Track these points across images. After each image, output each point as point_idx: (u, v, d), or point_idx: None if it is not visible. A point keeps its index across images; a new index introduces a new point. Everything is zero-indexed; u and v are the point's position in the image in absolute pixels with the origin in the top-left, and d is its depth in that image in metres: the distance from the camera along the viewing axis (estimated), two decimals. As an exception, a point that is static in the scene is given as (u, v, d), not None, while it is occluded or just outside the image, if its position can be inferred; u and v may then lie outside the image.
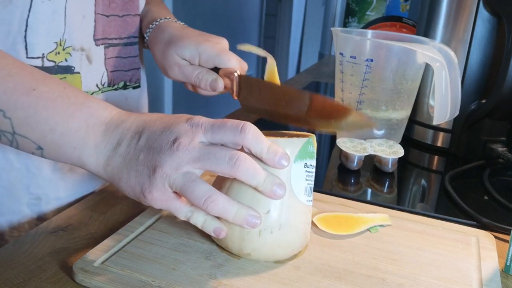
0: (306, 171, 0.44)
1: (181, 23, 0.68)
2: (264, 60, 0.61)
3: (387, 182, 0.71)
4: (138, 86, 0.72)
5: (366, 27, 1.41)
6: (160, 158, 0.41)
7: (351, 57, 0.75)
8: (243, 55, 0.62)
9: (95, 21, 0.61)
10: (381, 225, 0.54)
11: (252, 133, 0.40)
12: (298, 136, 0.46)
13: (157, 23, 0.67)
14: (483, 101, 0.78)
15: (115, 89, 0.67)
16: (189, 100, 2.60)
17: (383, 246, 0.50)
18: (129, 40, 0.67)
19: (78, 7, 0.58)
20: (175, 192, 0.42)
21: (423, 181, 0.75)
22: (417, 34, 0.85)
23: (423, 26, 0.85)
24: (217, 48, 0.60)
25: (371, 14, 2.10)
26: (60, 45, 0.57)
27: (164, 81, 2.42)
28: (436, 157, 0.84)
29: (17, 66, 0.45)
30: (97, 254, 0.44)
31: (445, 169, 0.80)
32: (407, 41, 0.75)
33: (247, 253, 0.44)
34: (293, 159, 0.43)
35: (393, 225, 0.54)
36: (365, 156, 0.71)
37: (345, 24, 2.20)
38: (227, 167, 0.40)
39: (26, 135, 0.44)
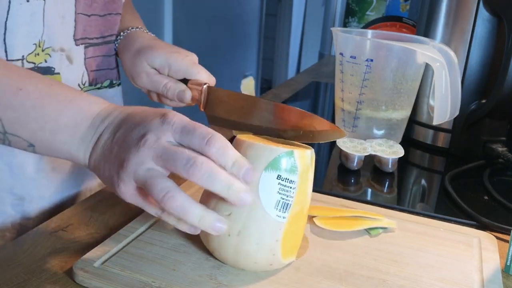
0: (279, 183, 0.41)
1: (152, 35, 0.69)
2: (264, 61, 0.61)
3: (387, 182, 0.71)
4: (119, 84, 0.73)
5: (366, 27, 1.41)
6: (128, 153, 0.41)
7: (351, 57, 0.75)
8: (244, 55, 0.63)
9: (75, 21, 0.61)
10: (384, 228, 0.53)
11: (218, 146, 0.39)
12: (292, 145, 0.44)
13: (128, 31, 0.68)
14: (483, 101, 0.78)
15: (98, 88, 0.67)
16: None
17: (384, 247, 0.50)
18: (111, 38, 0.67)
19: (57, 8, 0.57)
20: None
21: (423, 181, 0.75)
22: (417, 34, 0.85)
23: (423, 26, 0.85)
24: (187, 60, 0.62)
25: (371, 14, 2.10)
26: (39, 46, 0.57)
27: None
28: (436, 157, 0.84)
29: (3, 66, 0.46)
30: (97, 255, 0.44)
31: (445, 169, 0.80)
32: (407, 41, 0.75)
33: (212, 251, 0.44)
34: (263, 167, 0.41)
35: (394, 232, 0.54)
36: (365, 156, 0.71)
37: (345, 24, 2.20)
38: (183, 169, 0.39)
39: (17, 134, 0.45)
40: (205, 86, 0.59)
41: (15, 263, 0.45)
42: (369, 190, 0.68)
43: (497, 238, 0.56)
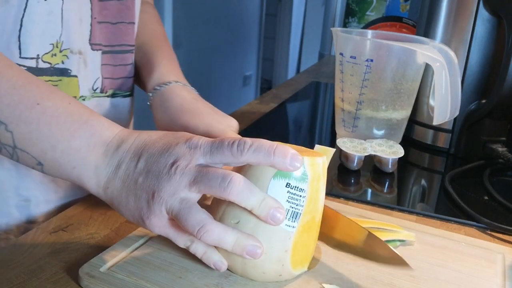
0: (288, 192, 0.40)
1: (190, 89, 0.63)
2: (264, 61, 0.61)
3: (387, 182, 0.71)
4: (130, 95, 0.69)
5: (366, 27, 1.41)
6: (158, 183, 0.40)
7: (351, 57, 0.75)
8: (244, 55, 0.62)
9: (91, 25, 0.60)
10: (402, 240, 0.51)
11: (250, 145, 0.39)
12: (305, 152, 0.43)
13: (166, 86, 0.61)
14: (483, 101, 0.78)
15: (107, 96, 0.66)
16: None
17: None
18: (121, 48, 0.65)
19: (75, 10, 0.57)
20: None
21: (423, 181, 0.75)
22: (417, 34, 0.85)
23: (423, 26, 0.85)
24: (230, 133, 0.56)
25: (371, 14, 2.10)
26: (57, 47, 0.56)
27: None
28: (436, 157, 0.84)
29: (24, 78, 0.44)
30: (104, 259, 0.43)
31: (445, 169, 0.80)
32: (407, 41, 0.75)
33: (226, 261, 0.43)
34: (272, 174, 0.40)
35: (413, 245, 0.51)
36: (365, 156, 0.71)
37: (345, 24, 2.20)
38: (220, 189, 0.38)
39: (27, 150, 0.44)
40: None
41: (15, 263, 0.45)
42: (369, 190, 0.68)
43: (497, 238, 0.56)
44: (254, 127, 0.93)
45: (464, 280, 0.45)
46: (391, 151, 0.72)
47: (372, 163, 0.75)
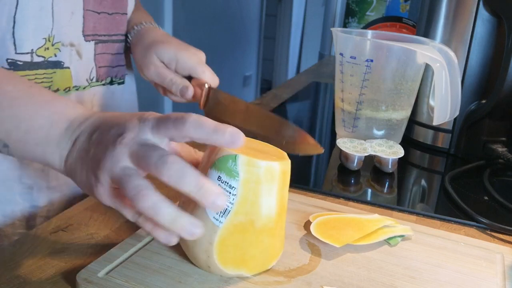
0: (219, 185, 0.40)
1: (164, 31, 0.72)
2: (264, 61, 0.64)
3: (387, 183, 0.71)
4: (123, 83, 0.75)
5: (366, 27, 1.41)
6: (105, 153, 0.40)
7: (351, 57, 0.75)
8: (244, 55, 0.65)
9: (83, 17, 0.63)
10: (401, 236, 0.51)
11: (192, 119, 0.38)
12: (277, 157, 0.42)
13: (142, 26, 0.71)
14: (483, 101, 0.78)
15: (103, 84, 0.70)
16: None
17: (400, 262, 0.47)
18: (117, 37, 0.70)
19: (66, 4, 0.60)
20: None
21: (423, 182, 0.75)
22: (417, 34, 0.85)
23: (423, 26, 0.85)
24: (194, 59, 0.64)
25: (371, 15, 2.10)
26: (49, 41, 0.58)
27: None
28: (436, 157, 0.84)
29: None
30: (102, 264, 0.43)
31: (445, 170, 0.80)
32: (407, 41, 0.75)
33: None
34: (211, 164, 0.40)
35: (411, 239, 0.52)
36: (365, 157, 0.71)
37: (345, 25, 2.20)
38: (153, 166, 0.37)
39: None
40: (206, 86, 0.61)
41: (15, 263, 0.45)
42: (369, 191, 0.68)
43: (497, 238, 0.56)
44: (254, 127, 0.93)
45: (464, 280, 0.45)
46: (391, 151, 0.72)
47: (372, 163, 0.75)
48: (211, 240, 0.41)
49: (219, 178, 0.40)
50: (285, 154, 0.44)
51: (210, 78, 0.64)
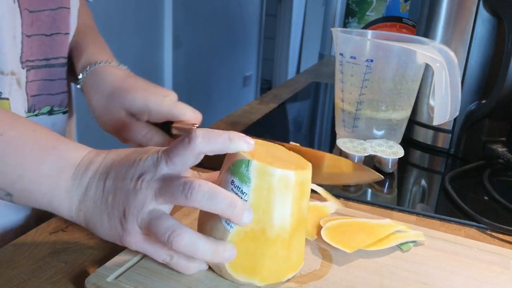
0: (232, 189, 0.40)
1: (123, 67, 0.63)
2: (264, 61, 0.61)
3: (387, 183, 0.71)
4: (67, 111, 0.65)
5: (366, 27, 1.41)
6: (127, 200, 0.39)
7: (351, 57, 0.75)
8: (244, 55, 0.62)
9: (22, 42, 0.55)
10: (414, 241, 0.50)
11: (200, 141, 0.38)
12: (296, 164, 0.42)
13: (94, 66, 0.61)
14: (483, 101, 0.78)
15: (36, 115, 0.60)
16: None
17: (413, 268, 0.46)
18: (57, 61, 0.60)
19: (8, 27, 0.52)
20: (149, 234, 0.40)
21: (423, 182, 0.75)
22: (417, 34, 0.85)
23: (423, 27, 0.85)
24: (168, 102, 0.57)
25: (371, 15, 2.10)
26: None
27: (164, 82, 2.42)
28: (436, 157, 0.84)
29: None
30: (111, 269, 0.42)
31: (445, 170, 0.80)
32: (407, 41, 0.75)
33: None
34: (227, 168, 0.40)
35: (424, 244, 0.51)
36: (365, 157, 0.71)
37: (345, 25, 2.20)
38: (182, 197, 0.37)
39: None
40: (195, 127, 0.56)
41: (15, 263, 0.45)
42: (369, 191, 0.68)
43: (497, 238, 0.56)
44: (254, 128, 0.93)
45: (478, 287, 0.44)
46: (391, 151, 0.72)
47: (372, 163, 0.75)
48: None
49: (232, 182, 0.40)
50: (309, 164, 0.43)
51: (193, 117, 0.58)
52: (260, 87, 3.99)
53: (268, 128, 0.97)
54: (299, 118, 1.10)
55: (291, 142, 0.43)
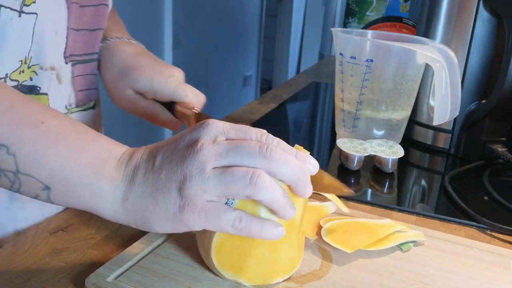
0: None
1: (134, 43, 0.64)
2: (264, 61, 0.61)
3: (387, 183, 0.71)
4: (93, 107, 0.65)
5: (366, 27, 1.41)
6: (186, 166, 0.37)
7: (351, 57, 0.75)
8: (244, 55, 0.62)
9: (66, 37, 0.55)
10: (413, 241, 0.50)
11: (275, 143, 0.39)
12: None
13: (108, 42, 0.62)
14: (483, 101, 0.78)
15: (84, 110, 0.61)
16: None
17: (413, 268, 0.46)
18: (95, 56, 0.62)
19: (51, 23, 0.52)
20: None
21: (423, 182, 0.75)
22: (417, 34, 0.85)
23: (423, 27, 0.85)
24: (172, 82, 0.58)
25: (371, 15, 2.10)
26: (25, 63, 0.51)
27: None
28: (436, 157, 0.84)
29: (21, 98, 0.41)
30: (111, 269, 0.42)
31: (445, 170, 0.80)
32: (407, 41, 0.75)
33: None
34: None
35: (424, 244, 0.51)
36: (365, 157, 0.71)
37: (345, 25, 2.20)
38: (259, 158, 0.36)
39: (32, 174, 0.39)
40: (194, 111, 0.56)
41: (15, 263, 0.45)
42: (369, 191, 0.68)
43: (497, 238, 0.56)
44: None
45: (478, 287, 0.44)
46: (391, 151, 0.72)
47: (372, 163, 0.75)
48: (211, 238, 0.41)
49: None
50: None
51: (195, 99, 0.57)
52: (260, 87, 3.99)
53: (268, 128, 0.96)
54: (299, 118, 1.10)
55: (296, 146, 0.42)
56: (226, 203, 0.38)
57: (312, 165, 0.39)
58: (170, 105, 0.59)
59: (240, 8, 3.35)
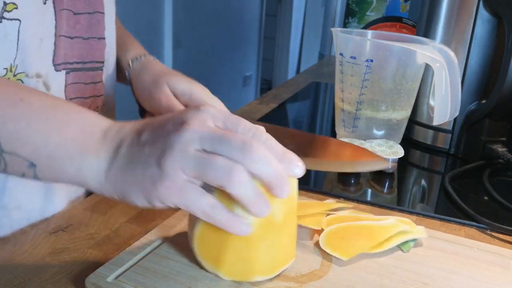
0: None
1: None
2: (264, 61, 0.62)
3: (387, 183, 0.71)
4: None
5: (366, 27, 1.41)
6: (169, 142, 0.37)
7: (351, 57, 0.75)
8: (244, 55, 0.63)
9: (55, 44, 0.55)
10: (413, 240, 0.50)
11: (263, 139, 0.38)
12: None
13: (144, 57, 0.67)
14: (483, 101, 0.78)
15: None
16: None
17: (413, 268, 0.46)
18: (92, 65, 0.62)
19: (35, 30, 0.51)
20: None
21: (423, 182, 0.75)
22: (417, 34, 0.85)
23: (423, 27, 0.85)
24: (206, 93, 0.61)
25: (371, 15, 2.10)
26: (11, 71, 0.50)
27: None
28: (436, 157, 0.84)
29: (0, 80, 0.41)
30: (111, 269, 0.42)
31: (445, 170, 0.80)
32: (407, 41, 0.75)
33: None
34: None
35: (424, 244, 0.51)
36: (365, 157, 0.71)
37: (345, 25, 2.20)
38: (238, 153, 0.36)
39: (17, 152, 0.39)
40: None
41: (15, 263, 0.45)
42: (369, 191, 0.68)
43: (497, 238, 0.56)
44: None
45: (478, 287, 0.44)
46: (391, 151, 0.72)
47: (372, 163, 0.75)
48: (195, 228, 0.41)
49: None
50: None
51: None
52: (260, 87, 3.99)
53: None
54: (299, 118, 1.10)
55: None
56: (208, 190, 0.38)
57: (298, 168, 0.38)
58: None
59: (240, 8, 3.35)
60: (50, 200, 0.58)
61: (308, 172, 0.76)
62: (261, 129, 0.39)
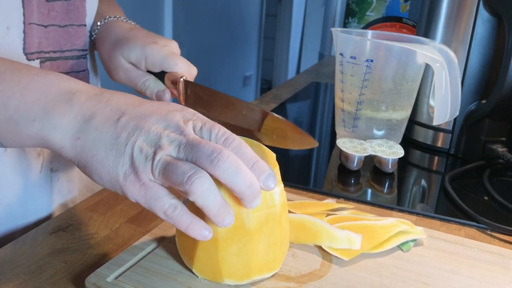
0: None
1: (131, 23, 0.64)
2: (264, 61, 0.61)
3: (387, 183, 0.71)
4: None
5: (366, 27, 1.41)
6: (147, 141, 0.37)
7: (351, 57, 0.75)
8: (244, 55, 0.62)
9: (24, 33, 0.53)
10: (413, 240, 0.50)
11: (234, 145, 0.37)
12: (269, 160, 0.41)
13: (105, 21, 0.62)
14: (483, 101, 0.78)
15: None
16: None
17: (413, 268, 0.46)
18: (72, 54, 0.60)
19: (1, 18, 0.50)
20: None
21: (423, 182, 0.75)
22: (417, 34, 0.85)
23: (423, 27, 0.85)
24: (164, 51, 0.57)
25: (371, 15, 2.10)
26: None
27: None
28: (436, 157, 0.84)
29: None
30: (111, 269, 0.42)
31: (445, 170, 0.80)
32: (407, 41, 0.75)
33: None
34: None
35: (424, 244, 0.51)
36: (365, 157, 0.71)
37: (345, 25, 2.20)
38: (207, 162, 0.35)
39: None
40: (181, 80, 0.55)
41: (15, 263, 0.45)
42: (369, 191, 0.68)
43: (497, 239, 0.56)
44: (254, 127, 0.93)
45: (478, 287, 0.44)
46: (391, 152, 0.72)
47: (372, 164, 0.75)
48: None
49: None
50: (276, 164, 0.42)
51: (186, 69, 0.56)
52: (260, 87, 3.99)
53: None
54: (299, 118, 1.10)
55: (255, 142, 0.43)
56: None
57: (271, 180, 0.37)
58: (162, 76, 0.58)
59: (240, 8, 3.35)
60: (30, 194, 0.58)
61: (308, 172, 0.77)
62: (231, 137, 0.38)
